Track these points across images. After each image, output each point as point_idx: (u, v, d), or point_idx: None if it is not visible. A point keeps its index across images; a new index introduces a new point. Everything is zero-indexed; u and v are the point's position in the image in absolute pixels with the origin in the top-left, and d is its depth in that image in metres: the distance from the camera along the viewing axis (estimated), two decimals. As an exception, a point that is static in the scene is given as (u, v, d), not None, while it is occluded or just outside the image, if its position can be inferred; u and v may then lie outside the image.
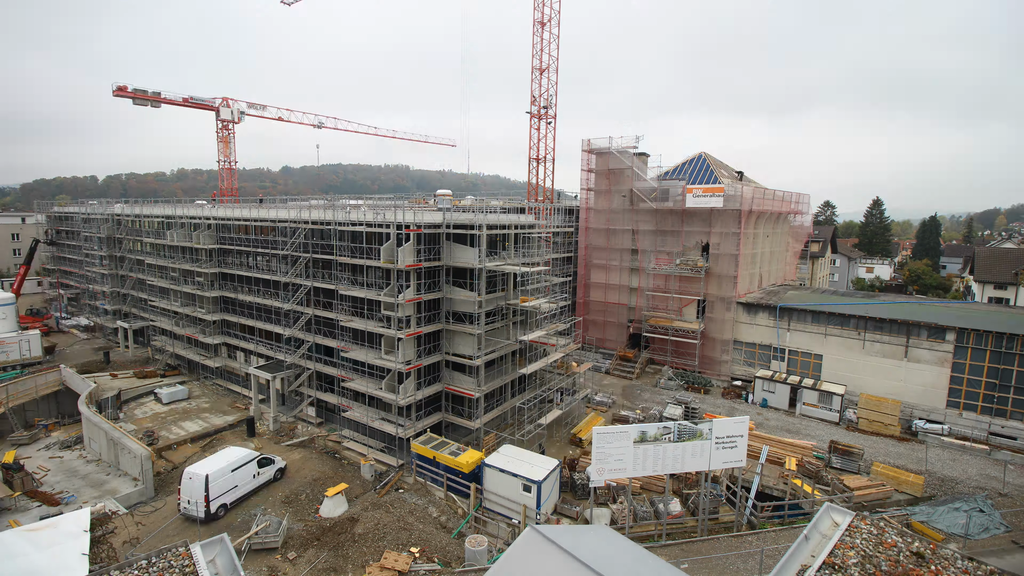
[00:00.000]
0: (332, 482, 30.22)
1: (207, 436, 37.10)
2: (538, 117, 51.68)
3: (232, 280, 46.18)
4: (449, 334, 35.28)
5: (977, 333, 37.75)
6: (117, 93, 74.92)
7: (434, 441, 31.12)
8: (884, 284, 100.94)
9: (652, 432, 23.13)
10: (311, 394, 39.19)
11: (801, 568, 11.76)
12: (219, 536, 12.71)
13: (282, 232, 40.17)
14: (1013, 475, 30.17)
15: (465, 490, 28.64)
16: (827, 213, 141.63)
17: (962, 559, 11.27)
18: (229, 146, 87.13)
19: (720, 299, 48.47)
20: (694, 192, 48.68)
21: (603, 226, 55.22)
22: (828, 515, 13.13)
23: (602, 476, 23.27)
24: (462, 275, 34.91)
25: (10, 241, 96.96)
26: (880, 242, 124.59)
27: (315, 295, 38.63)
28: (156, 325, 53.54)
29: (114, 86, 74.50)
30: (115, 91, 74.74)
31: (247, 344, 44.34)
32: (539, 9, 50.17)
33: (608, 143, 53.36)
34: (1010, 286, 64.30)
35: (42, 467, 32.95)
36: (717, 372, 48.21)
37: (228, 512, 27.76)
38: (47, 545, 19.61)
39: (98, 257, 62.19)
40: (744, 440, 23.94)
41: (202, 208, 51.10)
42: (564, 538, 11.38)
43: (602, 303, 55.87)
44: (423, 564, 22.77)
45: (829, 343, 43.63)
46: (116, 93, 74.88)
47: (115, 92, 74.80)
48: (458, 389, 34.41)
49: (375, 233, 34.07)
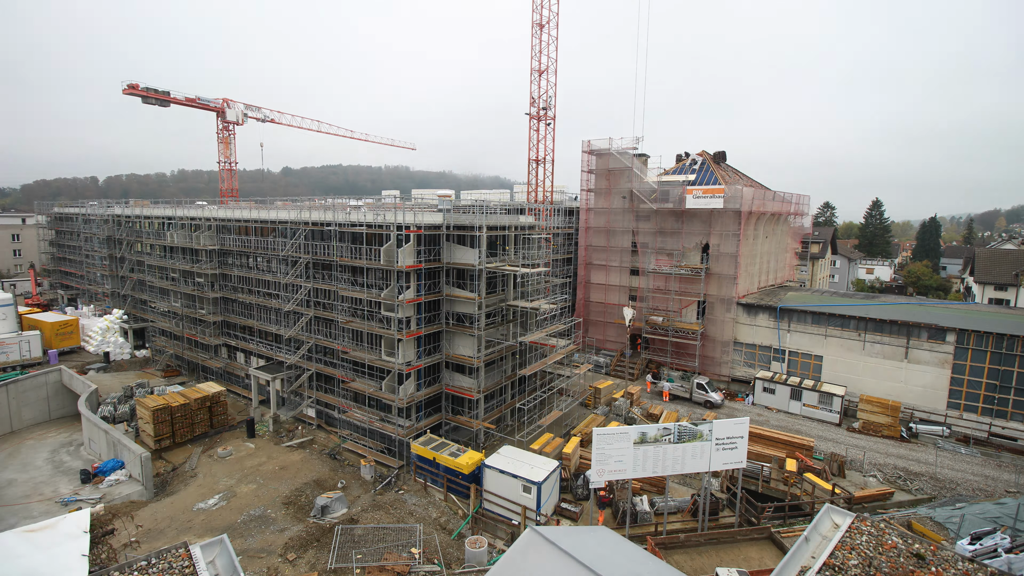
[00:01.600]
0: (332, 483, 30.22)
1: (206, 437, 37.10)
2: (537, 119, 51.71)
3: (232, 281, 46.20)
4: (449, 335, 35.27)
5: (977, 334, 37.73)
6: (127, 91, 75.06)
7: (434, 442, 31.10)
8: (884, 285, 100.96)
9: (652, 433, 23.11)
10: (311, 395, 39.18)
11: (801, 569, 11.75)
12: (219, 537, 12.71)
13: (282, 233, 40.20)
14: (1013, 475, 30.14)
15: (465, 491, 28.61)
16: (827, 214, 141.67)
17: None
18: (229, 147, 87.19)
19: (720, 300, 48.46)
20: (694, 193, 48.69)
21: (603, 227, 55.25)
22: (828, 516, 13.12)
23: (602, 477, 23.25)
24: (462, 276, 34.93)
25: (10, 242, 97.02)
26: (880, 243, 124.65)
27: (315, 296, 38.63)
28: (156, 326, 53.55)
29: (124, 84, 74.57)
30: (125, 89, 74.85)
31: (247, 345, 44.35)
32: (538, 11, 50.23)
33: (608, 144, 53.40)
34: (1010, 287, 64.28)
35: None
36: (717, 373, 48.19)
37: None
38: (47, 546, 19.56)
39: (98, 258, 62.22)
40: (744, 441, 23.93)
41: (202, 209, 51.11)
42: (564, 539, 11.38)
43: (602, 303, 55.87)
44: (423, 565, 22.76)
45: (829, 344, 43.61)
46: (126, 91, 75.03)
47: (125, 90, 74.94)
48: (458, 390, 34.41)
49: (375, 234, 34.09)
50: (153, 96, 76.86)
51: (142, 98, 76.57)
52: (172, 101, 79.32)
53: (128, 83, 74.35)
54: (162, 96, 77.76)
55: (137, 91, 75.30)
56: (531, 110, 51.54)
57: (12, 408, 39.04)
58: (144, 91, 75.92)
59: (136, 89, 75.16)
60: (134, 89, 74.99)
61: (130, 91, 74.84)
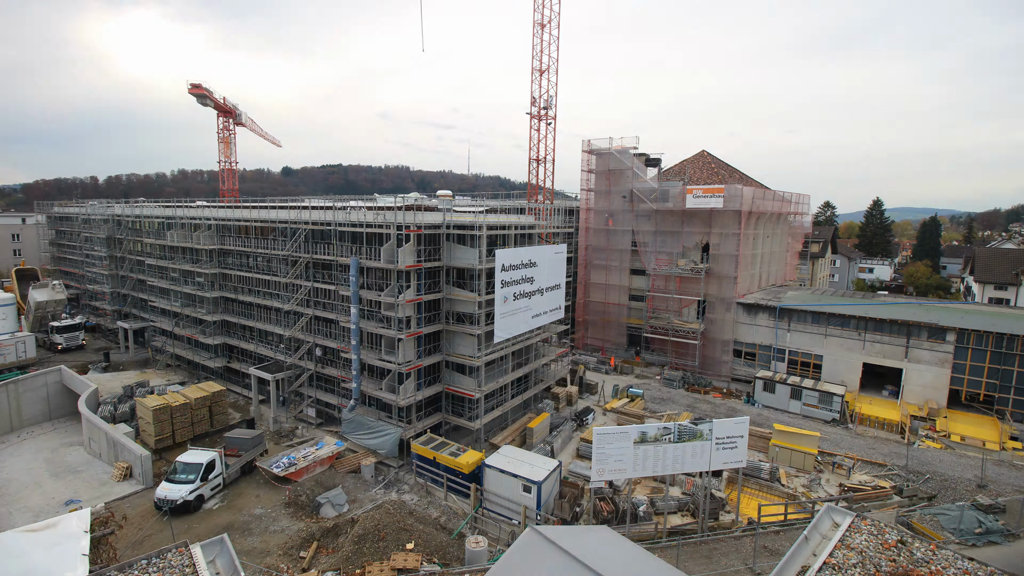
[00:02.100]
0: (332, 482, 30.20)
1: (207, 436, 37.07)
2: (538, 118, 51.68)
3: (232, 281, 46.19)
4: (449, 335, 35.27)
5: (977, 334, 37.75)
6: (192, 91, 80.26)
7: (434, 442, 31.10)
8: (883, 285, 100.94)
9: (652, 433, 23.11)
10: (311, 395, 39.18)
11: (801, 569, 11.75)
12: (219, 536, 12.71)
13: (282, 233, 40.20)
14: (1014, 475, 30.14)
15: (465, 491, 28.62)
16: (827, 213, 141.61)
17: (962, 559, 11.26)
18: (230, 147, 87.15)
19: (720, 300, 48.47)
20: (694, 192, 48.69)
21: (603, 227, 55.22)
22: (828, 516, 13.12)
23: (602, 476, 23.25)
24: (462, 276, 34.93)
25: (11, 242, 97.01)
26: (880, 242, 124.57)
27: (315, 296, 38.63)
28: (156, 325, 53.54)
29: (188, 84, 79.64)
30: (191, 88, 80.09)
31: (247, 345, 44.34)
32: (539, 11, 50.18)
33: (608, 143, 53.38)
34: (1010, 286, 64.32)
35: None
36: (717, 372, 48.19)
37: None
38: (47, 545, 19.55)
39: (98, 257, 62.21)
40: (744, 440, 23.94)
41: (202, 209, 51.11)
42: (564, 539, 11.38)
43: (602, 304, 55.86)
44: (423, 564, 22.75)
45: (829, 344, 43.63)
46: (191, 91, 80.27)
47: (190, 90, 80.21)
48: (458, 390, 34.42)
49: (375, 234, 34.08)
50: (210, 97, 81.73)
51: (197, 97, 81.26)
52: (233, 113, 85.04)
53: (191, 83, 79.81)
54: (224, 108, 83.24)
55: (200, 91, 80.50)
56: (532, 110, 51.52)
57: (12, 408, 39.06)
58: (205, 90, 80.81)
59: (199, 89, 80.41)
60: (197, 89, 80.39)
61: (195, 91, 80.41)
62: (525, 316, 36.19)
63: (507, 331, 34.37)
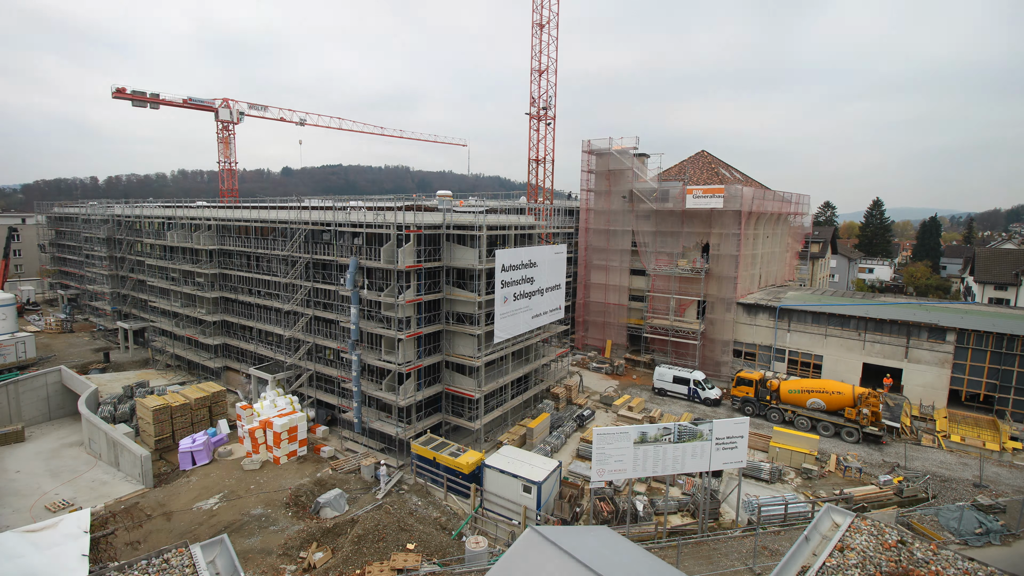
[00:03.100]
0: (332, 482, 30.17)
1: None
2: (537, 118, 51.68)
3: (232, 281, 46.19)
4: (449, 335, 35.26)
5: (977, 334, 37.74)
6: (116, 95, 74.74)
7: (434, 442, 31.09)
8: (883, 285, 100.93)
9: (652, 433, 23.09)
10: (311, 395, 39.16)
11: (802, 569, 11.75)
12: (219, 536, 12.71)
13: (282, 233, 40.18)
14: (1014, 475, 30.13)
15: (465, 491, 28.60)
16: (827, 214, 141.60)
17: (962, 559, 11.26)
18: (229, 147, 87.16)
19: (720, 300, 48.44)
20: (694, 193, 48.67)
21: (603, 227, 55.21)
22: (828, 516, 13.12)
23: (602, 476, 23.23)
24: (462, 276, 34.92)
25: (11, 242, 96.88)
26: (880, 243, 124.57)
27: (315, 296, 38.62)
28: (156, 325, 53.53)
29: (113, 88, 74.44)
30: (114, 93, 74.53)
31: (247, 345, 44.33)
32: (538, 11, 50.19)
33: (608, 144, 53.37)
34: (1010, 287, 64.32)
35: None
36: (717, 373, 48.18)
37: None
38: (47, 546, 19.56)
39: (98, 258, 62.21)
40: (744, 441, 23.91)
41: (202, 209, 51.10)
42: (564, 539, 11.37)
43: (602, 304, 55.85)
44: (424, 565, 22.74)
45: (829, 344, 43.62)
46: (115, 95, 74.69)
47: (114, 94, 74.60)
48: (458, 390, 34.41)
49: (375, 234, 34.07)
50: (140, 99, 76.86)
51: (131, 101, 76.51)
52: (162, 103, 79.30)
53: (116, 87, 74.67)
54: (151, 99, 77.77)
55: (124, 94, 75.40)
56: (531, 110, 51.53)
57: (12, 408, 39.07)
58: (132, 94, 76.05)
59: (124, 93, 75.24)
60: (121, 93, 75.10)
61: (119, 95, 74.97)
62: (525, 316, 36.20)
63: (507, 331, 34.38)
